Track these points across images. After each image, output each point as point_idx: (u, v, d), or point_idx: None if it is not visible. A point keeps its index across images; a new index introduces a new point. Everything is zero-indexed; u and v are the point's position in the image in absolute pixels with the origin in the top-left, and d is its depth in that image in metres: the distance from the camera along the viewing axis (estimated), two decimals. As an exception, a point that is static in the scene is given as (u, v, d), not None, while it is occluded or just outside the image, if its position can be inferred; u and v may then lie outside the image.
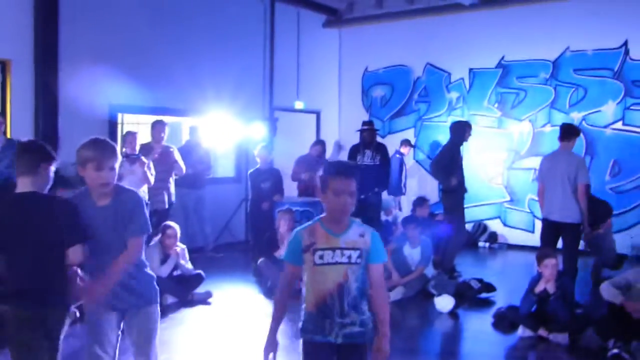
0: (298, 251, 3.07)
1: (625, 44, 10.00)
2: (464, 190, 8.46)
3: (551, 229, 7.13)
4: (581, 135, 10.07)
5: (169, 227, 7.26)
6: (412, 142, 11.85)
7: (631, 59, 9.96)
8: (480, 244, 11.09)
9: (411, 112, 12.33)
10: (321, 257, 3.02)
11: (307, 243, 3.04)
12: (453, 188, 8.29)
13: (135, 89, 9.00)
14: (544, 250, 6.38)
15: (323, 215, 3.11)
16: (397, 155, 11.26)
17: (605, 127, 10.18)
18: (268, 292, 7.50)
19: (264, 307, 6.96)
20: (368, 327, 3.09)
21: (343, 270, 3.02)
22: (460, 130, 8.49)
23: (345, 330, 3.04)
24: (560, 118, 10.40)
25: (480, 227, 11.28)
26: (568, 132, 7.30)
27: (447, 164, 8.30)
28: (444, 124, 11.71)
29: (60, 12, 8.27)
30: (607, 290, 5.72)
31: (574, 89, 10.47)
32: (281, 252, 7.85)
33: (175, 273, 7.22)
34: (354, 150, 9.51)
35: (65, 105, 8.37)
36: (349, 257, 3.02)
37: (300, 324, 3.12)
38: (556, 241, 7.14)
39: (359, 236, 3.05)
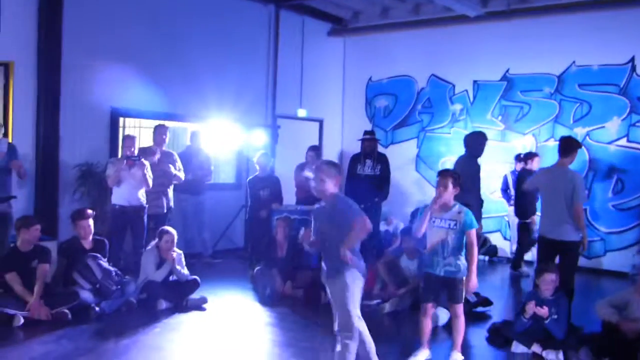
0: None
1: (632, 60, 9.91)
2: (482, 202, 7.92)
3: (548, 248, 6.65)
4: (584, 150, 10.15)
5: (167, 232, 7.23)
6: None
7: (638, 75, 9.86)
8: (480, 257, 10.92)
9: (414, 123, 12.27)
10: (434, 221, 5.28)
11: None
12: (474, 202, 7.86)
13: (137, 93, 9.02)
14: (544, 264, 6.30)
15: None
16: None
17: (609, 143, 10.09)
18: (265, 300, 7.46)
19: (259, 315, 6.93)
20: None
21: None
22: (477, 143, 7.84)
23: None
24: (564, 133, 10.28)
25: (480, 240, 11.16)
26: (569, 146, 6.72)
27: (471, 180, 7.87)
28: (447, 136, 11.70)
29: (64, 16, 8.30)
30: (603, 309, 5.66)
31: (578, 104, 10.39)
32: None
33: (170, 278, 7.20)
34: (355, 160, 9.47)
35: (67, 108, 8.40)
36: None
37: None
38: (554, 260, 6.61)
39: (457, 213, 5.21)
